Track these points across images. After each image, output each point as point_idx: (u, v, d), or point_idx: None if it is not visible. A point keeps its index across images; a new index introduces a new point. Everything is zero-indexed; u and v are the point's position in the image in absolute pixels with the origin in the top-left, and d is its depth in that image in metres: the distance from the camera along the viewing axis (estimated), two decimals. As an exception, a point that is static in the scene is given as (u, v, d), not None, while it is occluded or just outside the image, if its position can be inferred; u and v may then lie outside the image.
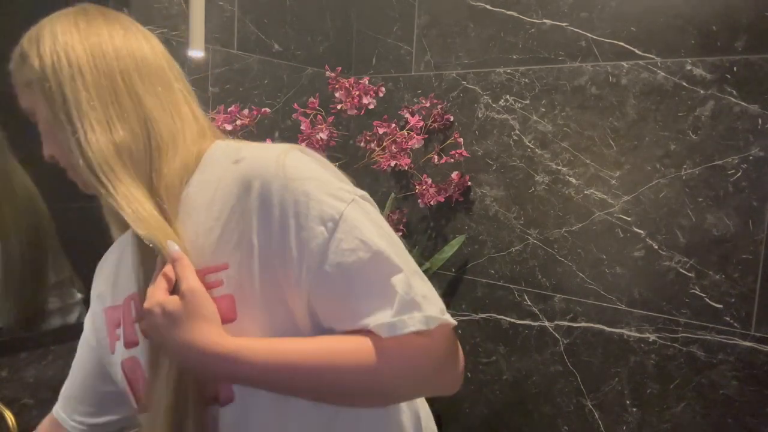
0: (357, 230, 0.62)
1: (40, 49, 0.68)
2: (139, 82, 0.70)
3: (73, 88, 0.67)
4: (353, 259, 0.61)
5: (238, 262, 0.64)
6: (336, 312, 0.63)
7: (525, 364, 1.51)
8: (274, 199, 0.62)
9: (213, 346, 0.60)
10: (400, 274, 0.62)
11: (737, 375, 1.22)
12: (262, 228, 0.63)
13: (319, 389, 0.63)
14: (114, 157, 0.66)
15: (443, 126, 1.63)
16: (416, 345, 0.61)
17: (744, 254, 1.21)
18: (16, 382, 1.14)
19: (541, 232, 1.48)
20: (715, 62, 1.23)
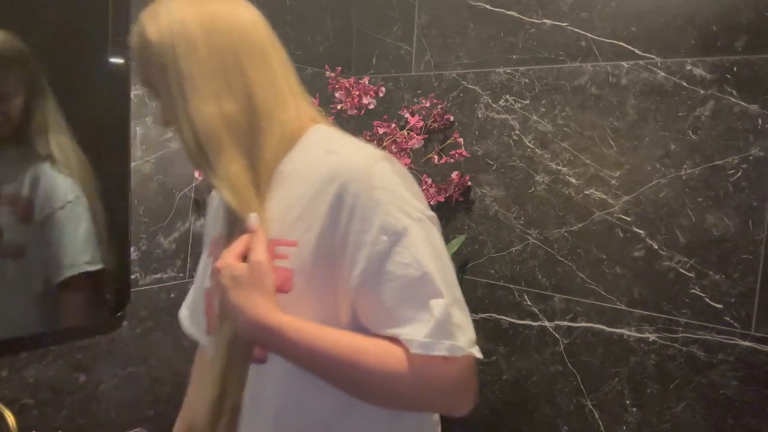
0: (414, 248, 0.67)
1: (158, 24, 0.73)
2: (245, 59, 0.74)
3: (188, 62, 0.71)
4: (403, 273, 0.66)
5: (304, 243, 0.70)
6: (375, 315, 0.68)
7: (525, 364, 1.51)
8: (348, 199, 0.67)
9: (262, 316, 0.66)
10: (442, 300, 0.66)
11: (737, 375, 1.22)
12: (331, 222, 0.68)
13: (343, 380, 0.68)
14: (221, 128, 0.71)
15: (443, 126, 1.63)
16: (438, 367, 0.66)
17: (744, 254, 1.21)
18: (16, 382, 1.14)
19: (541, 232, 1.48)
20: (715, 62, 1.23)
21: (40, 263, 1.13)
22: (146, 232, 1.34)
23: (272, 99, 0.75)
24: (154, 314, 1.38)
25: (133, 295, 1.32)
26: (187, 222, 1.43)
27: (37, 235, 1.12)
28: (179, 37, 0.72)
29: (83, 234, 1.19)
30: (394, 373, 0.66)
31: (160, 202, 1.36)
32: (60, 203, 1.15)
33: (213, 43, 0.73)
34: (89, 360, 1.26)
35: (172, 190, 1.39)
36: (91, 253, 1.21)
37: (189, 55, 0.72)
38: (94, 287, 1.23)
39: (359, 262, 0.67)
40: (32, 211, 1.11)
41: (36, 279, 1.13)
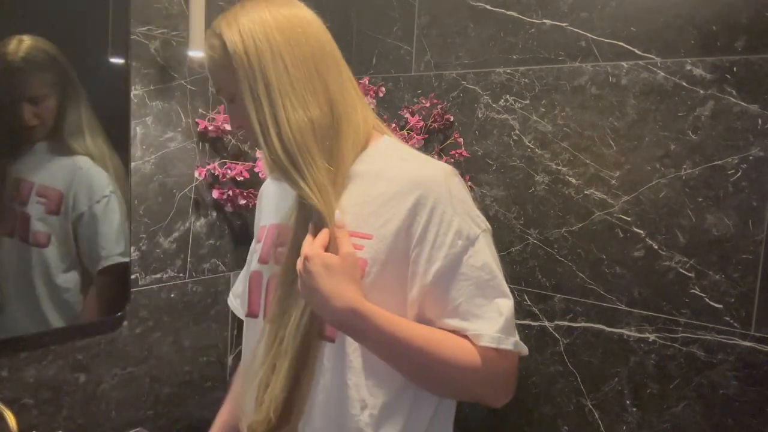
0: (484, 254, 0.77)
1: (240, 34, 0.77)
2: (323, 66, 0.80)
3: (276, 70, 0.76)
4: (475, 275, 0.76)
5: (380, 237, 0.77)
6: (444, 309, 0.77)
7: (525, 364, 1.51)
8: (429, 204, 0.76)
9: (354, 302, 0.72)
10: (509, 300, 0.78)
11: (737, 375, 1.22)
12: (409, 222, 0.76)
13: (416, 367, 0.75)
14: (309, 132, 0.76)
15: (443, 126, 1.63)
16: (500, 361, 0.77)
17: (744, 254, 1.21)
18: (16, 382, 1.14)
19: (541, 232, 1.48)
20: (715, 62, 1.23)
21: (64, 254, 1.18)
22: (146, 232, 1.34)
23: (347, 104, 0.81)
24: (154, 314, 1.38)
25: (133, 295, 1.32)
26: (187, 222, 1.43)
27: (65, 227, 1.18)
28: (263, 45, 0.76)
29: (117, 226, 1.25)
30: (464, 363, 0.74)
31: (160, 202, 1.37)
32: (98, 197, 1.22)
33: (295, 52, 0.77)
34: (89, 360, 1.26)
35: (172, 190, 1.39)
36: (124, 245, 1.27)
37: (275, 64, 0.76)
38: (122, 278, 1.29)
39: (437, 260, 0.75)
40: (62, 203, 1.16)
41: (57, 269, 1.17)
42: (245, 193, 1.46)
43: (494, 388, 0.80)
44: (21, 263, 1.12)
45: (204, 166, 1.44)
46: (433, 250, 0.76)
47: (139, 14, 1.27)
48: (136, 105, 1.29)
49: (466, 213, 0.78)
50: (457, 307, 0.76)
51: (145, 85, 1.30)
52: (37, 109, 1.12)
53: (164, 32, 1.33)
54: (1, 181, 1.08)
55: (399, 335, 0.73)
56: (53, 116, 1.14)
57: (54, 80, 1.14)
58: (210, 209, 1.48)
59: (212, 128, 1.42)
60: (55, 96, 1.14)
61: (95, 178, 1.22)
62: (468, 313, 0.76)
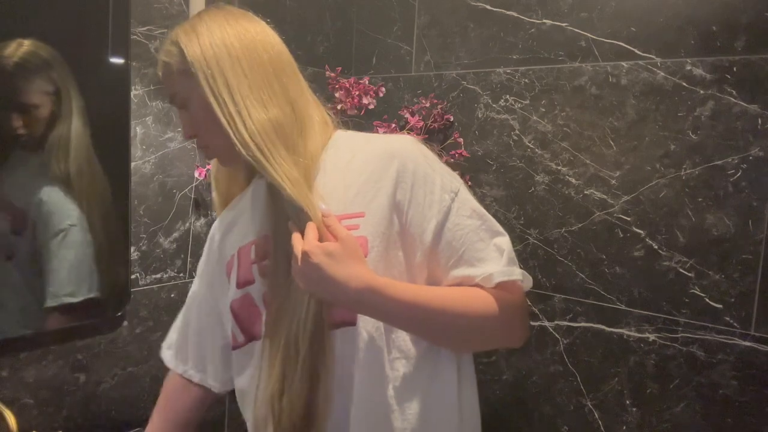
0: (469, 202, 0.83)
1: (200, 41, 0.81)
2: (281, 72, 0.84)
3: (236, 74, 0.80)
4: (468, 223, 0.81)
5: (373, 211, 0.80)
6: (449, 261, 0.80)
7: (525, 364, 1.51)
8: (409, 169, 0.81)
9: (369, 280, 0.73)
10: (505, 237, 0.83)
11: (737, 375, 1.22)
12: (396, 190, 0.80)
13: (441, 330, 0.78)
14: (272, 131, 0.80)
15: (443, 126, 1.63)
16: (512, 295, 0.80)
17: (744, 254, 1.21)
18: (16, 382, 1.14)
19: (541, 232, 1.48)
20: (715, 62, 1.23)
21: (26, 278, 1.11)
22: (146, 232, 1.34)
23: (308, 106, 0.86)
24: (154, 314, 1.38)
25: (133, 295, 1.32)
26: (187, 222, 1.43)
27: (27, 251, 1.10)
28: (223, 54, 0.80)
29: (71, 263, 1.16)
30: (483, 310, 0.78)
31: (160, 202, 1.37)
32: (54, 230, 1.14)
33: (252, 57, 0.81)
34: (89, 360, 1.26)
35: (172, 190, 1.39)
36: (76, 283, 1.17)
37: (234, 68, 0.80)
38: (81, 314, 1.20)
39: (432, 218, 0.80)
40: (25, 225, 1.10)
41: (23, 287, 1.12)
42: (245, 193, 1.46)
43: (512, 327, 0.83)
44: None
45: (204, 166, 1.44)
46: (425, 210, 0.80)
47: (139, 14, 1.27)
48: (136, 105, 1.29)
49: (442, 169, 0.84)
50: (462, 256, 0.80)
51: (145, 85, 1.30)
52: (27, 118, 1.06)
53: (164, 32, 1.33)
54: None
55: (418, 301, 0.75)
56: (42, 128, 1.08)
57: (48, 90, 1.09)
58: (210, 209, 1.48)
59: (212, 128, 1.42)
60: (48, 107, 1.09)
61: (57, 210, 1.14)
62: (473, 258, 0.80)
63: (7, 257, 1.08)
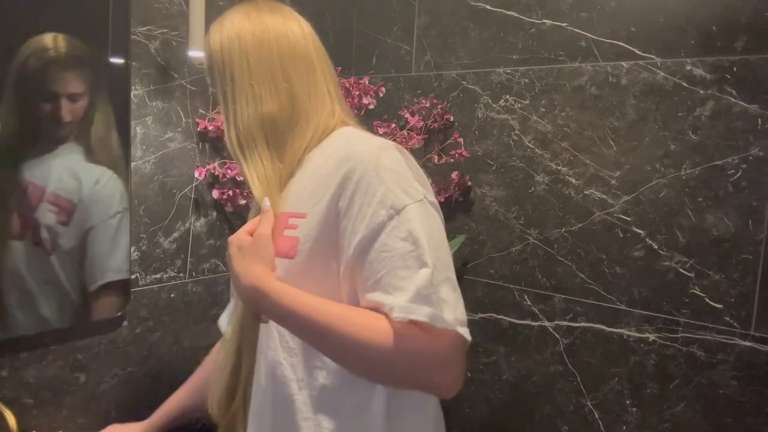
0: (410, 224, 0.72)
1: (221, 34, 0.86)
2: (291, 65, 0.85)
3: (240, 69, 0.83)
4: (397, 246, 0.71)
5: (312, 214, 0.79)
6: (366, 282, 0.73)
7: (525, 364, 1.51)
8: (355, 176, 0.75)
9: (256, 280, 0.75)
10: (428, 270, 0.70)
11: (737, 375, 1.22)
12: (336, 196, 0.76)
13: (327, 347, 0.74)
14: (258, 127, 0.83)
15: (443, 126, 1.63)
16: (419, 337, 0.68)
17: (744, 254, 1.21)
18: (16, 382, 1.14)
19: (541, 232, 1.48)
20: (715, 62, 1.23)
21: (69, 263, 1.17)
22: (146, 232, 1.34)
23: (312, 102, 0.86)
24: (154, 314, 1.38)
25: (133, 295, 1.32)
26: (187, 222, 1.43)
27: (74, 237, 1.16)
28: (234, 48, 0.84)
29: (125, 243, 1.26)
30: (374, 341, 0.69)
31: (160, 202, 1.36)
32: (112, 212, 1.23)
33: (262, 53, 0.83)
34: (89, 360, 1.26)
35: (172, 190, 1.39)
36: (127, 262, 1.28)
37: (241, 63, 0.83)
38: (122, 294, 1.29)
39: (359, 231, 0.73)
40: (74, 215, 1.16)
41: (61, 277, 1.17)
42: (245, 193, 1.46)
43: (425, 373, 0.70)
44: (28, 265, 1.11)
45: (204, 166, 1.44)
46: (356, 222, 0.74)
47: (139, 14, 1.27)
48: (136, 105, 1.29)
49: (394, 183, 0.74)
50: (379, 280, 0.71)
51: (145, 85, 1.30)
52: (74, 106, 1.12)
53: (164, 32, 1.33)
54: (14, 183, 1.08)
55: (302, 313, 0.72)
56: (84, 117, 1.15)
57: (90, 79, 1.15)
58: (210, 209, 1.48)
59: (212, 128, 1.42)
60: (88, 97, 1.15)
61: (113, 192, 1.23)
62: (389, 285, 0.70)
63: (49, 252, 1.13)
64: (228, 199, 1.45)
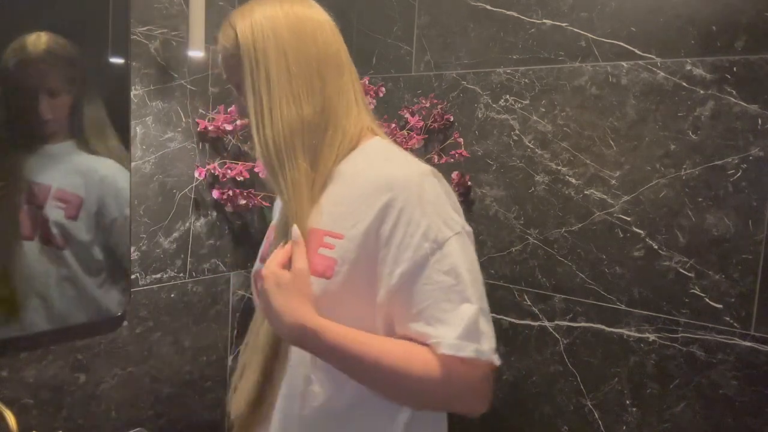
0: (452, 258, 0.74)
1: (252, 25, 0.80)
2: (324, 65, 0.81)
3: (277, 65, 0.78)
4: (440, 279, 0.73)
5: (350, 237, 0.77)
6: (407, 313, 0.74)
7: (525, 364, 1.51)
8: (397, 205, 0.74)
9: (302, 318, 0.73)
10: (474, 307, 0.73)
11: (737, 375, 1.22)
12: (378, 223, 0.75)
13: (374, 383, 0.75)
14: (298, 129, 0.79)
15: (443, 126, 1.63)
16: (462, 369, 0.73)
17: (744, 254, 1.21)
18: (16, 382, 1.14)
19: (541, 232, 1.48)
20: (715, 62, 1.23)
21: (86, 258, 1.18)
22: (146, 232, 1.34)
23: (342, 106, 0.82)
24: (154, 314, 1.38)
25: (133, 295, 1.32)
26: (187, 222, 1.43)
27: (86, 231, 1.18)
28: (270, 41, 0.78)
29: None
30: (420, 374, 0.72)
31: (160, 202, 1.37)
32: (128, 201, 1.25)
33: (300, 48, 0.79)
34: (89, 360, 1.26)
35: (172, 190, 1.39)
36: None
37: (278, 59, 0.78)
38: None
39: (403, 262, 0.74)
40: (81, 209, 1.16)
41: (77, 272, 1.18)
42: (245, 193, 1.46)
43: (462, 400, 0.77)
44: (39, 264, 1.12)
45: (204, 166, 1.44)
46: (399, 252, 0.74)
47: (139, 14, 1.27)
48: (136, 105, 1.29)
49: (437, 215, 0.75)
50: (422, 311, 0.74)
51: (145, 85, 1.30)
52: (55, 102, 1.11)
53: (164, 32, 1.33)
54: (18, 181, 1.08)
55: (351, 350, 0.73)
56: (68, 113, 1.14)
57: (72, 76, 1.14)
58: (210, 209, 1.48)
59: (212, 128, 1.42)
60: (71, 93, 1.14)
61: (123, 182, 1.23)
62: (432, 318, 0.73)
63: (60, 246, 1.14)
64: (228, 199, 1.45)
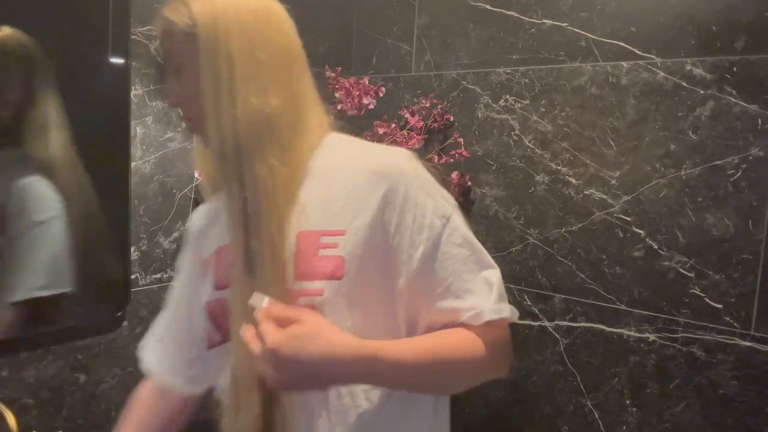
0: (461, 230, 0.76)
1: (212, 6, 0.72)
2: (292, 58, 0.77)
3: (242, 50, 0.72)
4: (458, 252, 0.74)
5: (354, 231, 0.72)
6: (435, 292, 0.74)
7: (525, 364, 1.51)
8: (400, 190, 0.73)
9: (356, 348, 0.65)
10: (496, 270, 0.77)
11: (737, 375, 1.22)
12: (383, 211, 0.73)
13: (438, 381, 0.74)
14: (265, 124, 0.73)
15: (443, 126, 1.63)
16: (496, 334, 0.75)
17: (744, 254, 1.21)
18: (16, 382, 1.14)
19: (541, 232, 1.48)
20: (715, 62, 1.23)
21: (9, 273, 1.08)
22: (146, 232, 1.34)
23: (307, 102, 0.79)
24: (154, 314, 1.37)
25: (133, 295, 1.32)
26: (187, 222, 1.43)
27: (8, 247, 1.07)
28: (234, 24, 0.72)
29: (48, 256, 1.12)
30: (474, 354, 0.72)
31: (160, 202, 1.37)
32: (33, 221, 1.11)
33: (267, 37, 0.74)
34: (89, 360, 1.26)
35: (172, 190, 1.39)
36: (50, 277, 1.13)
37: (242, 44, 0.72)
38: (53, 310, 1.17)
39: (420, 243, 0.73)
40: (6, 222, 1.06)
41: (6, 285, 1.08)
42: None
43: (500, 363, 0.79)
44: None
45: (204, 166, 1.44)
46: (414, 235, 0.73)
47: (139, 14, 1.27)
48: (136, 105, 1.29)
49: (436, 192, 0.76)
50: (448, 287, 0.74)
51: (145, 85, 1.30)
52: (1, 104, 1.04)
53: (164, 32, 1.33)
54: None
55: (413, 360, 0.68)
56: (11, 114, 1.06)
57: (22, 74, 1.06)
58: (210, 209, 1.48)
59: (212, 128, 1.42)
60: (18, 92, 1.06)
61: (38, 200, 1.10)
62: (460, 290, 0.74)
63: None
64: (228, 199, 1.45)
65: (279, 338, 0.63)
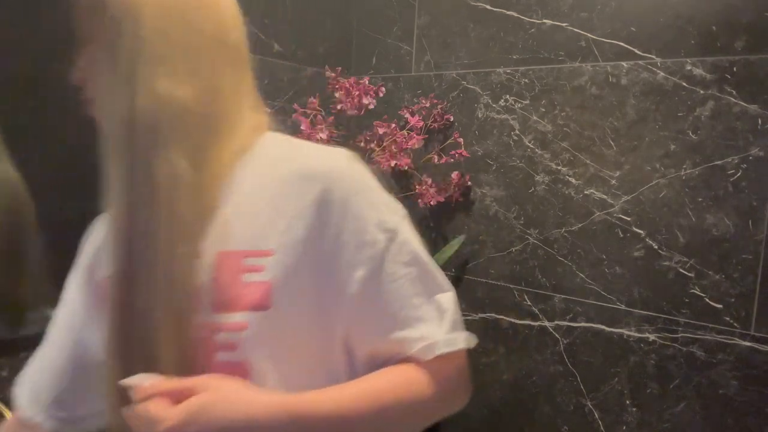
0: (410, 246, 0.64)
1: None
2: (223, 52, 0.66)
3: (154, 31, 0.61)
4: (405, 272, 0.63)
5: (284, 250, 0.60)
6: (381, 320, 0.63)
7: (525, 364, 1.51)
8: (335, 198, 0.61)
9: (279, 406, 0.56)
10: (449, 293, 0.65)
11: (737, 375, 1.22)
12: (317, 223, 0.61)
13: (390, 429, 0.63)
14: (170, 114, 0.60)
15: (443, 126, 1.63)
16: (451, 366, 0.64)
17: (744, 254, 1.21)
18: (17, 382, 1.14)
19: (541, 232, 1.48)
20: (715, 62, 1.23)
21: None
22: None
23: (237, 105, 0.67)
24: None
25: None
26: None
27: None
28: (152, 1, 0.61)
29: None
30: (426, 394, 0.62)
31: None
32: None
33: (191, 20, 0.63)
34: (89, 360, 1.26)
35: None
36: None
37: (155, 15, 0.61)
38: None
39: (360, 264, 0.61)
40: None
41: None
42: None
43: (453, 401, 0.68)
44: None
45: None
46: (353, 253, 0.61)
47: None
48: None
49: (380, 201, 0.64)
50: (395, 316, 0.62)
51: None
52: None
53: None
54: None
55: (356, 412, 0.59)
56: None
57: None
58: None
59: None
60: None
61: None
62: (408, 318, 0.63)
63: None
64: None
65: (177, 416, 0.51)
